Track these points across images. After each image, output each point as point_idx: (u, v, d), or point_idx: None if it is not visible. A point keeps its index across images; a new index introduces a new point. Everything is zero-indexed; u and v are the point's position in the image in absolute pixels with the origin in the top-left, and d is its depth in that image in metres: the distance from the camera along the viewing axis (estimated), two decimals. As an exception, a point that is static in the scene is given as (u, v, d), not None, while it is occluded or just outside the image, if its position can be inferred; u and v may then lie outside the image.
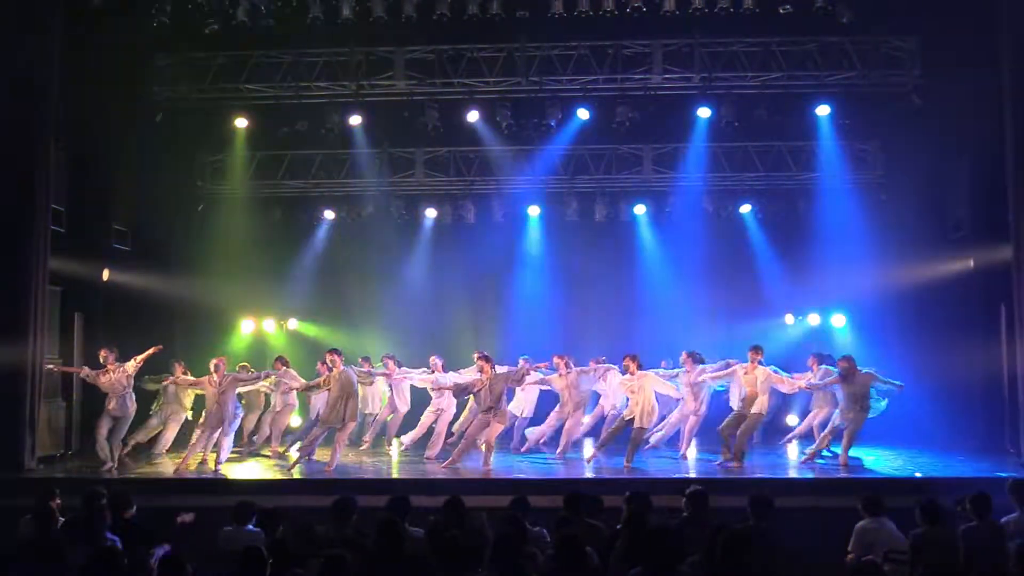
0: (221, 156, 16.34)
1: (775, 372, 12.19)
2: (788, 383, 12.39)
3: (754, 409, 12.02)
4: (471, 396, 12.30)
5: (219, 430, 12.02)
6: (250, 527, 7.25)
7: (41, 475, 11.57)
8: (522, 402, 13.64)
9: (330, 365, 12.17)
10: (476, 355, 12.41)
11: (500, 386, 11.87)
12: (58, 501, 7.78)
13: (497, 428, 11.92)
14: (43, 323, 12.17)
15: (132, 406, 12.28)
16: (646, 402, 12.01)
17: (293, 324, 17.50)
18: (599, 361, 13.27)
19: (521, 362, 12.73)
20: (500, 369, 12.29)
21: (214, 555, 6.87)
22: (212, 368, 12.25)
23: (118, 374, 12.12)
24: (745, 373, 12.13)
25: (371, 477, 11.84)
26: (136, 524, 7.37)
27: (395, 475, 12.35)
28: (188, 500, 9.99)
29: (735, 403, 12.68)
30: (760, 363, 12.06)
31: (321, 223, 17.30)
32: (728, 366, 12.45)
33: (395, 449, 13.92)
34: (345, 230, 17.32)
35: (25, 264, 11.97)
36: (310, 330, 17.43)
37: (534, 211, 17.20)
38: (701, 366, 12.47)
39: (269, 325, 17.23)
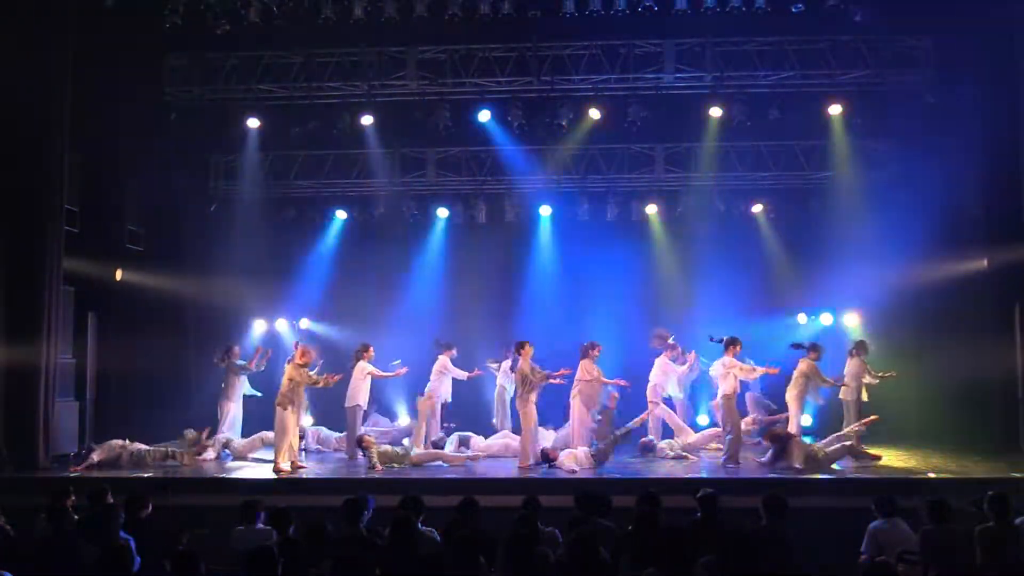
0: (234, 156, 16.36)
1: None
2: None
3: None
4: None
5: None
6: (261, 526, 7.27)
7: (55, 474, 11.62)
8: None
9: None
10: None
11: None
12: (72, 500, 7.82)
13: None
14: (57, 322, 12.24)
15: None
16: None
17: (305, 324, 17.52)
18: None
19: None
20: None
21: (228, 554, 6.89)
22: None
23: None
24: None
25: (384, 477, 11.85)
26: (151, 523, 7.40)
27: (408, 475, 12.35)
28: (205, 499, 10.07)
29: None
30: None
31: (333, 223, 17.35)
32: None
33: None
34: (357, 230, 17.33)
35: (39, 264, 12.04)
36: (322, 330, 17.45)
37: (545, 211, 17.17)
38: None
39: (281, 325, 17.26)
